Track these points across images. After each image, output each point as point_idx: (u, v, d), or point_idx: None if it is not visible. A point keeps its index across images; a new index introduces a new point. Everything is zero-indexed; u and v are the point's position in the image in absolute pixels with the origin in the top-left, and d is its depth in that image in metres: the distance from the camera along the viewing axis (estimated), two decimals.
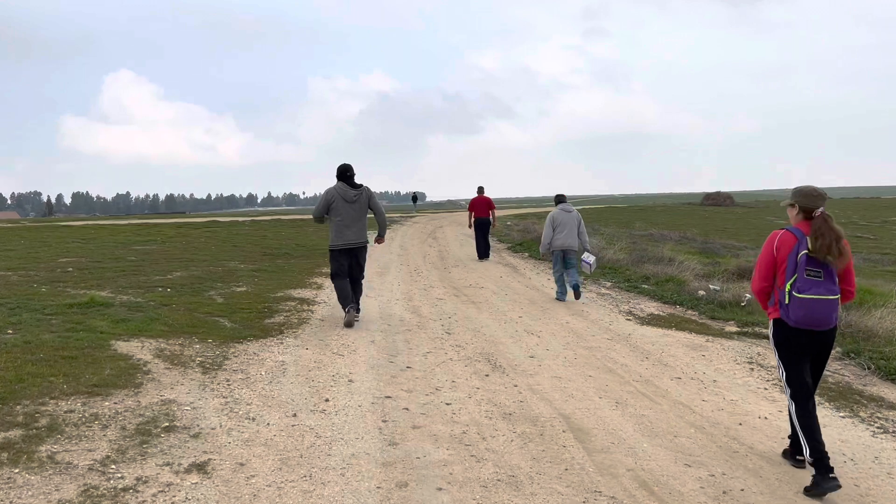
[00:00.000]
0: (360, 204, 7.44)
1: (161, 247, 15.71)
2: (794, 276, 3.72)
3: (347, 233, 7.41)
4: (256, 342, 6.27)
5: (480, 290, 10.85)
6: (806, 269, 3.68)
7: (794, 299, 3.72)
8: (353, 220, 7.41)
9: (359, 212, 7.45)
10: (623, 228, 30.46)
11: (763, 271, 3.93)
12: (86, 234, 18.84)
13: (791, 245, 3.77)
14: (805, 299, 3.70)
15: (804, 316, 3.72)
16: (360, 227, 7.50)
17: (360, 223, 7.48)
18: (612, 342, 7.23)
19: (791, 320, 3.78)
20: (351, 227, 7.41)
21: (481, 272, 13.43)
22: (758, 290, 4.02)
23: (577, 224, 10.33)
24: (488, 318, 8.22)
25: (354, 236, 7.45)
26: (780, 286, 3.83)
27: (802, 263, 3.69)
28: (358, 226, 7.47)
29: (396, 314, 8.20)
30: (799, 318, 3.75)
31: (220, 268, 11.63)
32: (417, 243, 20.29)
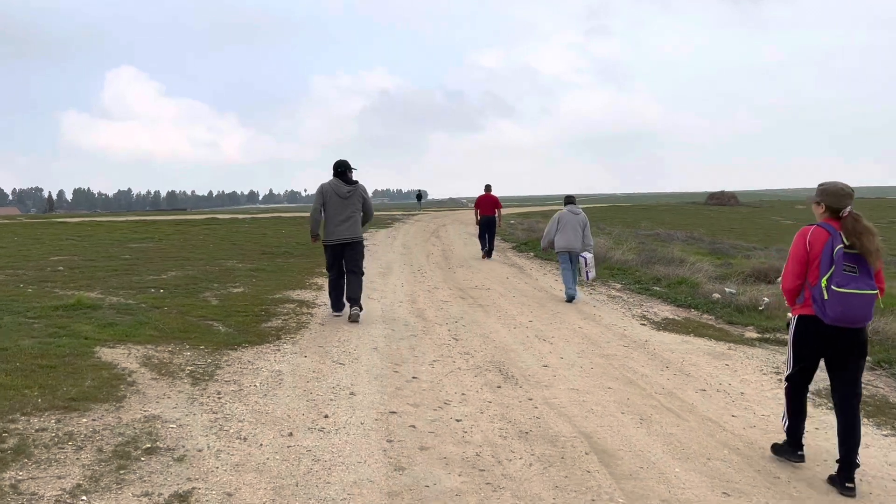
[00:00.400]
0: (353, 200, 7.48)
1: (157, 245, 15.32)
2: (829, 272, 3.62)
3: (341, 228, 7.44)
4: (252, 349, 5.87)
5: (487, 291, 10.45)
6: (844, 265, 3.59)
7: (834, 294, 3.60)
8: (346, 215, 7.45)
9: (352, 208, 7.49)
10: (629, 228, 30.04)
11: (796, 268, 3.82)
12: (81, 232, 18.45)
13: (824, 240, 3.68)
14: (845, 294, 3.58)
15: (842, 312, 3.61)
16: (353, 223, 7.51)
17: (353, 219, 7.50)
18: (628, 349, 6.83)
19: (828, 317, 3.66)
20: (344, 223, 7.44)
21: (486, 272, 13.02)
22: (789, 288, 3.89)
23: (582, 226, 10.18)
24: (497, 323, 7.81)
25: (348, 231, 7.47)
26: (813, 283, 3.72)
27: (840, 258, 3.59)
28: (351, 221, 7.49)
29: (400, 318, 7.80)
30: (837, 315, 3.63)
31: (216, 267, 11.24)
32: (420, 242, 19.89)
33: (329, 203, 7.48)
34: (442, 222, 31.23)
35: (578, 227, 10.13)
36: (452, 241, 20.72)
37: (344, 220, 7.45)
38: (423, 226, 28.09)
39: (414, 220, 32.25)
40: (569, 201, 10.56)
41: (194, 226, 22.86)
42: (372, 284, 10.46)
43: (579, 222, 10.18)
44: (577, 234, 10.07)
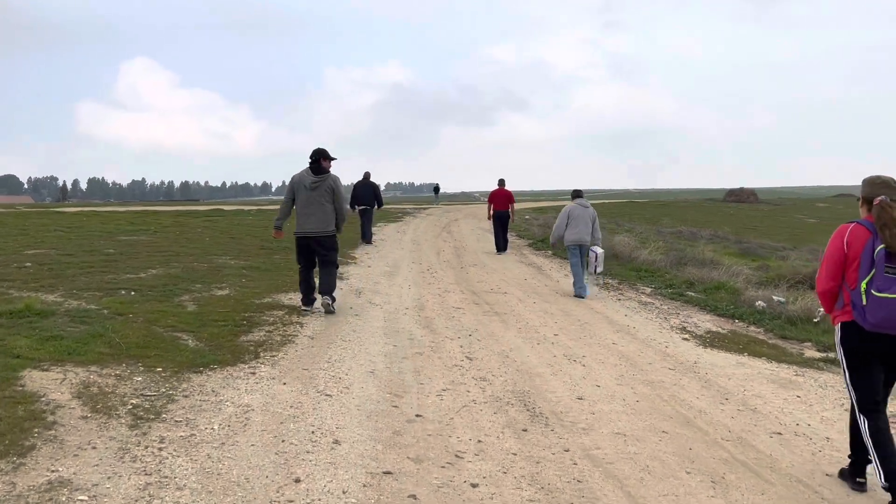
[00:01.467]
0: (320, 192, 7.12)
1: (150, 238, 14.31)
2: (870, 274, 3.31)
3: (307, 221, 7.16)
4: (220, 372, 4.80)
5: (504, 296, 9.34)
6: (885, 266, 3.27)
7: (873, 299, 3.29)
8: (313, 208, 7.14)
9: (319, 200, 7.12)
10: (649, 225, 28.80)
11: (832, 269, 3.52)
12: (75, 222, 17.48)
13: (864, 240, 3.38)
14: (886, 299, 3.26)
15: (884, 318, 3.28)
16: (321, 216, 7.16)
17: (321, 211, 7.15)
18: (676, 374, 5.71)
19: (868, 323, 3.34)
20: (311, 216, 7.14)
21: (502, 273, 11.91)
22: (824, 290, 3.58)
23: (591, 220, 10.18)
24: (517, 337, 6.71)
25: (314, 225, 7.16)
26: (852, 285, 3.42)
27: (881, 259, 3.28)
28: (319, 214, 7.14)
29: (405, 329, 6.70)
30: (878, 321, 3.30)
31: (206, 264, 10.19)
32: (431, 238, 18.80)
33: (297, 194, 7.20)
34: (454, 217, 30.11)
35: (588, 221, 10.12)
36: (465, 237, 19.61)
37: (311, 213, 7.13)
38: (435, 220, 26.99)
39: (425, 213, 31.14)
40: (577, 195, 10.47)
41: (196, 217, 21.86)
42: (376, 287, 9.37)
43: (589, 216, 10.16)
44: (588, 228, 10.07)
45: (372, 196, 15.67)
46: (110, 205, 34.37)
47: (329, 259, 7.26)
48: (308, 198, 7.12)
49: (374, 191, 15.76)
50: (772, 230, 31.73)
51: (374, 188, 15.83)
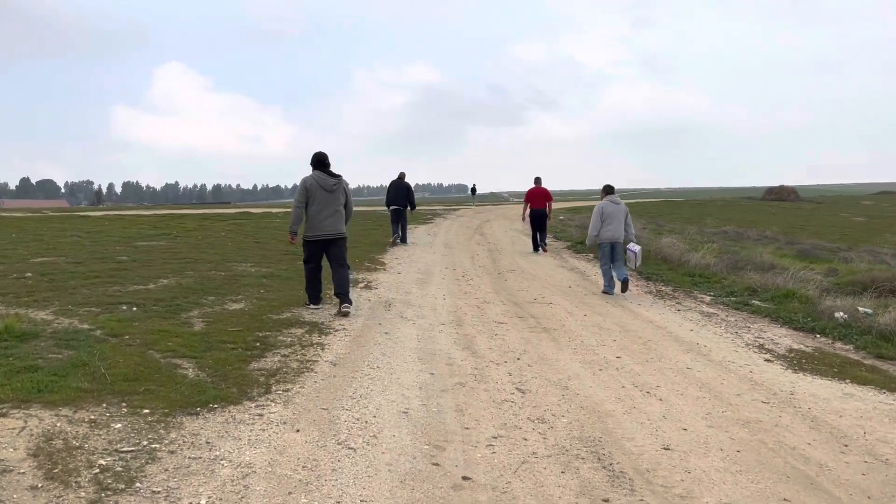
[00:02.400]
0: (338, 194, 7.09)
1: (169, 243, 13.60)
2: None
3: (325, 223, 7.06)
4: (221, 413, 3.92)
5: (549, 307, 8.36)
6: None
7: None
8: (331, 210, 7.08)
9: (336, 202, 7.10)
10: (691, 225, 27.49)
11: None
12: (96, 226, 16.93)
13: None
14: None
15: None
16: (337, 218, 7.16)
17: (338, 213, 7.15)
18: (773, 410, 4.68)
19: None
20: (329, 218, 7.07)
21: (544, 280, 10.93)
22: None
23: (624, 216, 10.09)
24: (574, 360, 5.73)
25: (332, 227, 7.11)
26: None
27: None
28: (336, 216, 7.14)
29: (442, 351, 5.77)
30: None
31: (223, 272, 9.39)
32: (463, 240, 17.86)
33: (314, 197, 7.03)
34: (486, 217, 29.14)
35: (622, 217, 10.04)
36: (498, 239, 18.64)
37: (329, 214, 7.06)
38: (466, 222, 26.05)
39: (456, 215, 30.21)
40: (608, 191, 10.35)
41: (221, 220, 21.22)
42: (407, 297, 8.46)
43: (621, 212, 10.08)
44: (621, 224, 10.00)
45: (405, 197, 15.10)
46: (140, 208, 34.06)
47: (343, 261, 7.22)
48: (327, 200, 7.02)
49: (407, 191, 15.16)
50: (821, 230, 30.13)
51: (407, 189, 15.23)
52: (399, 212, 15.07)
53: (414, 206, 15.45)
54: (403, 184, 15.27)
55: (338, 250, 7.16)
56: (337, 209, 7.09)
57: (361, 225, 21.42)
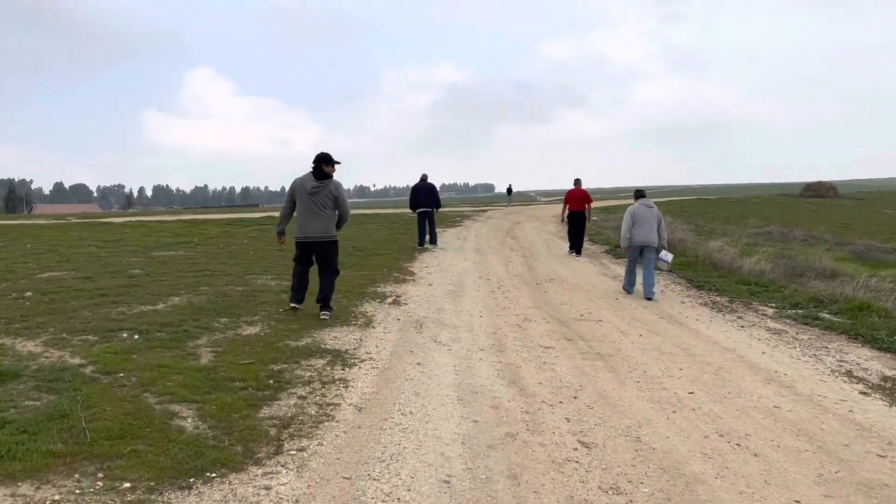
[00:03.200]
0: (320, 196, 6.92)
1: (188, 252, 12.99)
2: None
3: (307, 226, 6.98)
4: (219, 487, 3.16)
5: (599, 325, 7.51)
6: None
7: None
8: (313, 213, 6.97)
9: (319, 205, 6.94)
10: (731, 225, 26.30)
11: None
12: (115, 234, 16.41)
13: None
14: None
15: None
16: (323, 221, 6.98)
17: (322, 217, 6.97)
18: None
19: None
20: (312, 221, 6.97)
21: (587, 289, 10.06)
22: None
23: (656, 220, 9.92)
24: (641, 398, 4.88)
25: (312, 230, 6.99)
26: None
27: None
28: (321, 220, 6.97)
29: (485, 388, 4.96)
30: None
31: (241, 286, 8.69)
32: (496, 245, 17.03)
33: (298, 199, 7.03)
34: (516, 219, 28.26)
35: (654, 221, 9.87)
36: (532, 243, 17.77)
37: (311, 218, 6.97)
38: (496, 224, 25.19)
39: (485, 216, 29.35)
40: (639, 195, 10.26)
41: (246, 226, 20.64)
42: (440, 315, 7.67)
43: (654, 216, 9.91)
44: (653, 228, 9.83)
45: (431, 198, 14.98)
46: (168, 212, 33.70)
47: (330, 265, 7.11)
48: (308, 203, 6.94)
49: (433, 192, 15.03)
50: (868, 228, 28.66)
51: (432, 189, 15.09)
52: (427, 214, 14.95)
53: (439, 205, 15.33)
54: (428, 185, 15.12)
55: (324, 254, 7.05)
56: (319, 213, 6.93)
57: (389, 229, 20.70)
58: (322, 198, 6.92)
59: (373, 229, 20.55)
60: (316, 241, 7.01)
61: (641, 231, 9.82)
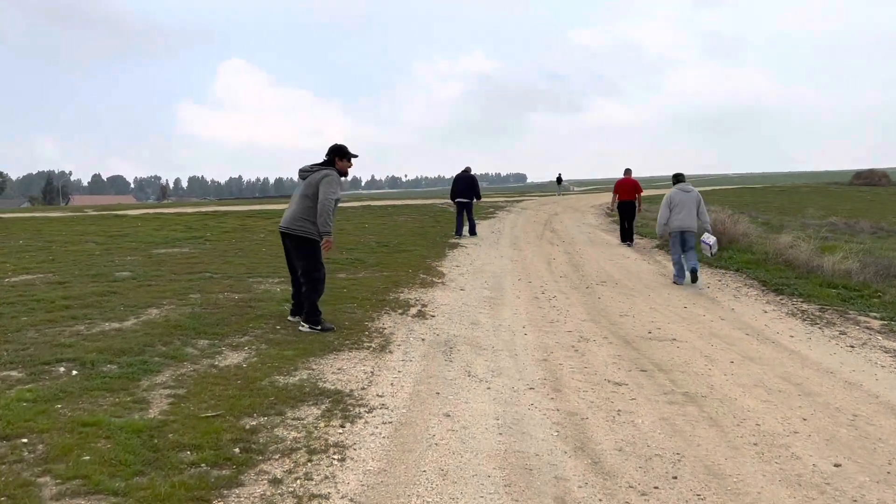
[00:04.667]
0: (305, 184, 6.02)
1: (194, 249, 11.72)
2: None
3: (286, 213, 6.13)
4: None
5: (675, 347, 5.97)
6: None
7: None
8: (293, 199, 6.23)
9: (301, 192, 6.04)
10: (788, 216, 24.32)
11: None
12: (124, 229, 15.26)
13: None
14: None
15: None
16: (296, 210, 5.97)
17: (298, 205, 5.98)
18: None
19: None
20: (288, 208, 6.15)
21: (646, 294, 8.49)
22: None
23: (696, 204, 9.64)
24: (768, 478, 3.33)
25: (286, 219, 6.08)
26: None
27: None
28: (294, 208, 6.01)
29: (542, 460, 3.45)
30: None
31: (239, 293, 7.35)
32: (534, 239, 15.49)
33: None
34: (552, 210, 26.63)
35: (693, 206, 9.59)
36: (573, 237, 16.19)
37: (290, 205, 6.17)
38: (532, 216, 23.60)
39: (520, 207, 27.76)
40: (678, 179, 10.01)
41: (266, 218, 19.36)
42: (474, 332, 6.20)
43: (692, 200, 9.63)
44: (692, 213, 9.56)
45: (471, 189, 15.39)
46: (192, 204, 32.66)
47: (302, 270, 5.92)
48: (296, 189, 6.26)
49: (473, 183, 15.51)
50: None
51: (473, 181, 15.61)
52: (466, 205, 15.36)
53: (479, 196, 15.71)
54: (468, 176, 15.54)
55: (295, 253, 6.00)
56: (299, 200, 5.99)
57: (418, 222, 19.28)
58: (306, 185, 5.98)
59: (401, 221, 19.16)
60: (284, 231, 6.03)
61: (680, 216, 9.53)
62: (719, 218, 14.07)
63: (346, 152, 6.06)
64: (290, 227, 5.91)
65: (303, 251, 5.89)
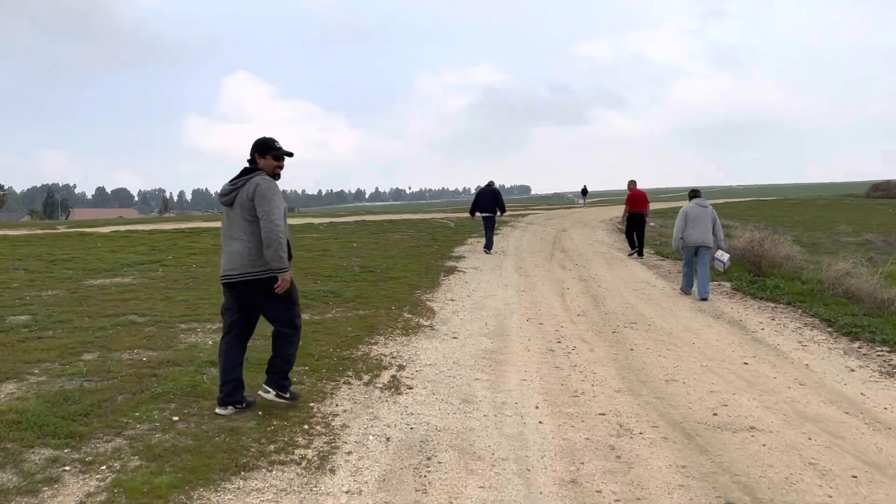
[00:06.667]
0: (236, 207, 4.12)
1: (138, 280, 9.87)
2: None
3: (224, 254, 4.22)
4: None
5: (758, 442, 4.07)
6: None
7: None
8: (226, 232, 4.23)
9: (234, 219, 4.14)
10: (815, 231, 22.39)
11: None
12: (76, 250, 13.41)
13: None
14: None
15: None
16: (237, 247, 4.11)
17: (238, 240, 4.12)
18: None
19: None
20: (225, 247, 4.22)
21: (691, 342, 6.57)
22: None
23: (711, 220, 9.61)
24: None
25: (229, 262, 4.14)
26: None
27: None
28: (234, 244, 4.13)
29: None
30: None
31: (153, 350, 5.48)
32: (542, 261, 13.59)
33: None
34: (560, 225, 24.73)
35: (708, 221, 9.57)
36: (587, 258, 14.28)
37: (225, 242, 4.24)
38: (539, 231, 21.70)
39: (525, 222, 25.86)
40: (694, 195, 10.05)
41: None
42: (466, 416, 4.29)
43: (708, 216, 9.62)
44: (708, 229, 9.51)
45: (493, 203, 14.94)
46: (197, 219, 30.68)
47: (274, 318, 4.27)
48: (224, 218, 4.28)
49: (497, 197, 15.10)
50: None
51: (495, 194, 15.16)
52: (489, 219, 14.98)
53: (504, 209, 15.31)
54: (491, 190, 15.19)
55: (258, 302, 4.22)
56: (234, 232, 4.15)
57: (414, 240, 17.42)
58: (237, 207, 4.13)
59: (394, 240, 17.29)
60: (232, 281, 4.15)
61: (696, 231, 9.51)
62: (756, 238, 12.17)
63: (270, 146, 4.27)
64: (242, 273, 4.09)
65: (269, 296, 4.13)
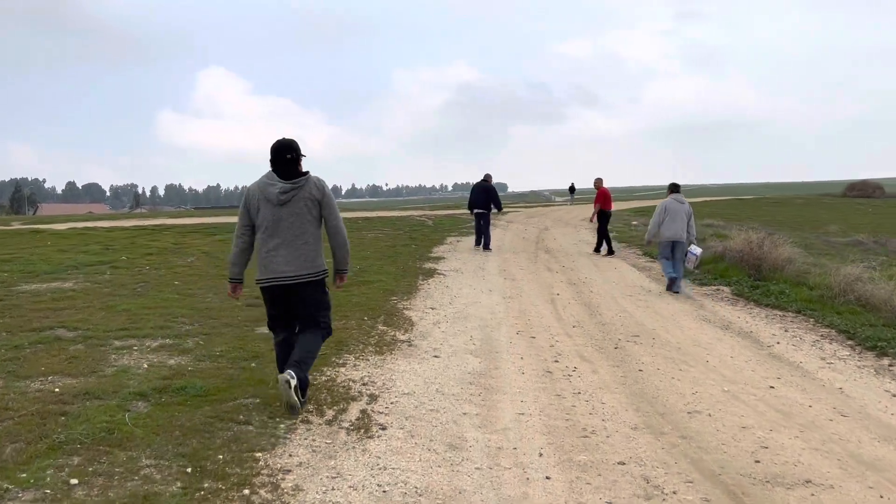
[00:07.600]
0: (295, 206, 4.05)
1: (81, 284, 8.83)
2: None
3: (277, 257, 4.04)
4: None
5: (810, 494, 3.21)
6: None
7: None
8: (284, 233, 4.04)
9: (295, 219, 4.06)
10: (803, 231, 21.86)
11: None
12: (21, 249, 12.27)
13: None
14: None
15: None
16: (300, 246, 4.04)
17: (300, 240, 4.04)
18: None
19: None
20: (282, 248, 4.04)
21: (705, 359, 5.72)
22: None
23: (686, 216, 9.76)
24: None
25: (289, 263, 4.04)
26: None
27: None
28: (296, 245, 4.03)
29: None
30: None
31: (72, 377, 4.52)
32: (526, 263, 12.72)
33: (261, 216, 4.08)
34: (542, 224, 23.96)
35: (684, 217, 9.71)
36: (573, 259, 13.47)
37: (281, 242, 4.04)
38: (520, 230, 20.86)
39: (505, 221, 25.00)
40: (674, 189, 10.08)
41: (210, 234, 16.38)
42: (453, 472, 3.34)
43: (685, 211, 9.76)
44: (684, 224, 9.67)
45: (487, 199, 14.38)
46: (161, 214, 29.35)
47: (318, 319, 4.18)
48: (275, 218, 4.02)
49: (490, 194, 14.51)
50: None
51: (491, 191, 14.60)
52: (482, 215, 14.38)
53: (500, 207, 14.80)
54: (487, 186, 14.66)
55: (306, 301, 4.13)
56: (298, 234, 4.03)
57: (390, 239, 16.47)
58: (297, 207, 4.06)
59: (370, 239, 16.33)
60: (292, 283, 4.06)
61: (673, 226, 9.63)
62: (754, 239, 11.41)
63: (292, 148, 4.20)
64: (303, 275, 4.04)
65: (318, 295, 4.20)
